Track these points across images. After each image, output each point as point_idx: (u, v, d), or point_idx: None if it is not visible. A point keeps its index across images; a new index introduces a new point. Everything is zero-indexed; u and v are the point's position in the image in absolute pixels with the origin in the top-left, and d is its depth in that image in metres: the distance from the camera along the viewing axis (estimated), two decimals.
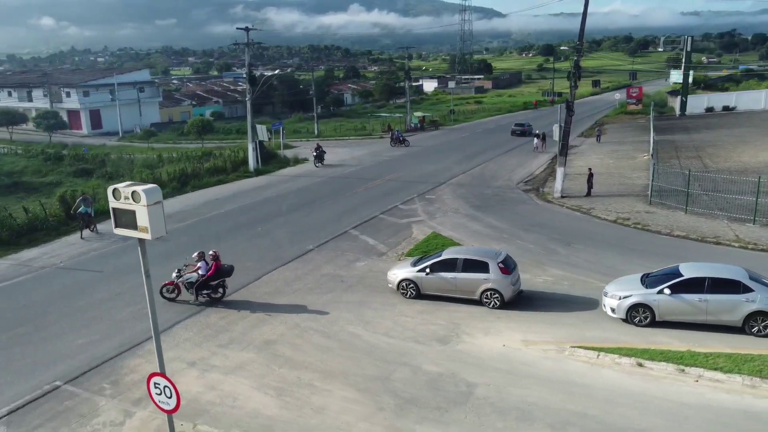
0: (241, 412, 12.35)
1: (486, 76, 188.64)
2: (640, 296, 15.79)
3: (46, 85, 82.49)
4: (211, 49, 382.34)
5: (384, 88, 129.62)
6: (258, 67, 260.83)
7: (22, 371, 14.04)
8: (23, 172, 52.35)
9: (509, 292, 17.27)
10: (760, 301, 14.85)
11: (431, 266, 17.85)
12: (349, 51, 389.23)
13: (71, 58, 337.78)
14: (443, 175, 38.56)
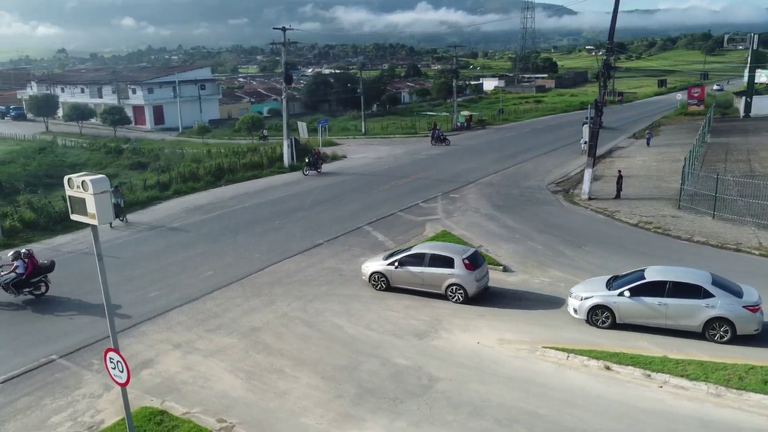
0: (209, 392, 13.14)
1: (549, 75, 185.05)
2: (601, 298, 15.73)
3: (115, 82, 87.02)
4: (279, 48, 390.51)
5: (442, 87, 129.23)
6: (323, 65, 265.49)
7: (26, 345, 15.38)
8: (85, 164, 55.64)
9: (473, 288, 17.61)
10: (720, 307, 14.56)
11: (400, 260, 18.40)
12: (414, 49, 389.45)
13: (147, 57, 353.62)
14: (475, 174, 38.49)
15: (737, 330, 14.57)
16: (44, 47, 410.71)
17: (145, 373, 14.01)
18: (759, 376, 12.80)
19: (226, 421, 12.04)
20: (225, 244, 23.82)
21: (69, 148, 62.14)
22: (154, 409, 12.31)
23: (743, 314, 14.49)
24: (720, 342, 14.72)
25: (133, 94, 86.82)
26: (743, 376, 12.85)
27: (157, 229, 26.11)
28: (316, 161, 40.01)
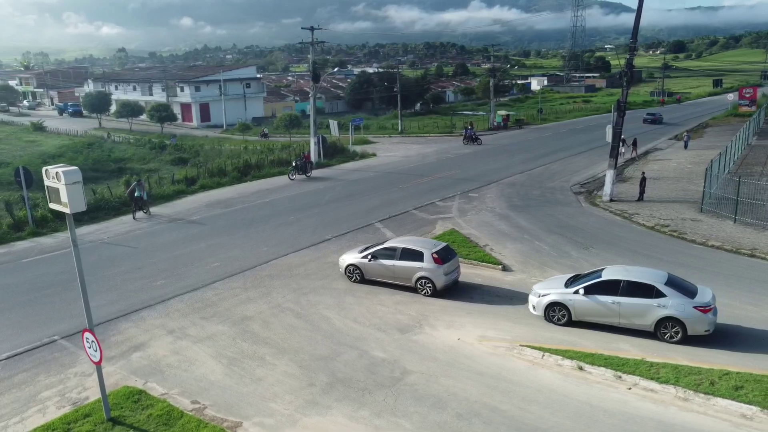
0: (189, 376, 13.84)
1: (601, 74, 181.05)
2: (558, 295, 15.95)
3: (164, 80, 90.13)
4: (330, 47, 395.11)
5: (487, 86, 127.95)
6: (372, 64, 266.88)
7: (33, 325, 16.49)
8: (130, 159, 58.02)
9: (441, 281, 18.04)
10: (671, 307, 14.60)
11: (374, 253, 19.00)
12: (464, 48, 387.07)
13: (203, 56, 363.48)
14: (499, 174, 38.36)
15: (688, 330, 14.62)
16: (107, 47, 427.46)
17: (135, 355, 14.84)
18: (732, 382, 12.59)
19: (199, 403, 12.69)
20: (237, 237, 24.68)
21: (116, 144, 64.82)
22: (135, 388, 13.07)
23: (693, 314, 14.50)
24: (671, 342, 14.79)
25: (181, 92, 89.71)
26: (715, 381, 12.67)
27: (177, 222, 27.25)
28: (305, 165, 38.18)
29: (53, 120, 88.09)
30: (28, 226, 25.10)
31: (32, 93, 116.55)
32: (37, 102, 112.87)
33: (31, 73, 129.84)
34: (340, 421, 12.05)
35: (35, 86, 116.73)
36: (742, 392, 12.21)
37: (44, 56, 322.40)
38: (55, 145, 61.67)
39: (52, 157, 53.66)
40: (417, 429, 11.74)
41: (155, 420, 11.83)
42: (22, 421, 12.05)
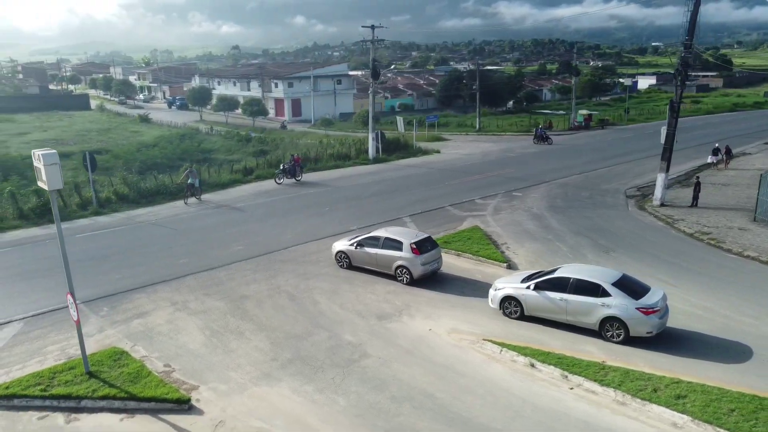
0: (172, 343, 15.38)
1: (720, 73, 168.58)
2: (512, 289, 16.24)
3: (260, 77, 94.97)
4: (435, 44, 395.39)
5: (586, 85, 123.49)
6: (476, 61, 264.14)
7: (60, 291, 18.74)
8: (218, 149, 62.05)
9: (418, 271, 18.81)
10: (615, 307, 14.58)
11: (360, 242, 20.00)
12: (574, 45, 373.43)
13: (312, 53, 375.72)
14: (556, 174, 37.61)
15: (630, 331, 14.52)
16: (225, 44, 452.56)
17: (135, 321, 16.63)
18: (677, 390, 12.28)
19: (170, 367, 14.16)
20: (268, 224, 26.31)
21: (208, 135, 69.38)
22: (120, 349, 14.77)
23: (635, 315, 14.40)
24: (615, 342, 14.75)
25: (275, 87, 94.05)
26: (660, 389, 12.40)
27: (221, 208, 29.39)
28: (294, 168, 35.65)
29: (161, 112, 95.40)
30: (92, 205, 28.15)
31: (148, 87, 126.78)
32: (151, 96, 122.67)
33: (147, 69, 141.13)
34: (284, 393, 13.03)
35: (150, 81, 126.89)
36: (681, 401, 11.89)
37: (169, 53, 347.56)
38: (154, 135, 67.02)
39: (148, 146, 58.53)
40: (350, 406, 12.50)
41: (124, 377, 13.39)
42: (22, 369, 14.05)
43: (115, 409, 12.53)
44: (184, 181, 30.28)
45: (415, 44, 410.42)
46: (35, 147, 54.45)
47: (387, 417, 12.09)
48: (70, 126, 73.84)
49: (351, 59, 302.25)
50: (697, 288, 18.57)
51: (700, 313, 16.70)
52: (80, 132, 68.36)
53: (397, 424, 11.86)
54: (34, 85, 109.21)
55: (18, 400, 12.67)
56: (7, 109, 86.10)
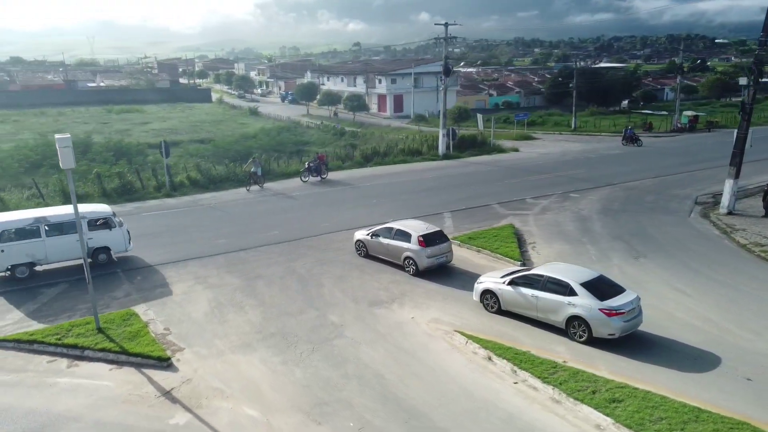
0: (179, 310, 17.25)
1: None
2: (491, 284, 16.56)
3: (365, 73, 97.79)
4: (560, 41, 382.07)
5: (715, 84, 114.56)
6: (604, 59, 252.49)
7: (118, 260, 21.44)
8: (313, 142, 65.18)
9: (424, 263, 19.39)
10: (580, 307, 14.54)
11: (375, 232, 20.92)
12: (715, 41, 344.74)
13: (433, 49, 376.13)
14: (627, 177, 36.09)
15: (593, 332, 14.42)
16: (349, 41, 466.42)
17: (157, 290, 18.75)
18: (615, 394, 12.17)
19: (168, 330, 16.01)
20: (312, 212, 27.91)
21: (307, 129, 72.92)
22: (132, 311, 16.84)
23: (598, 316, 14.31)
24: (579, 342, 14.74)
25: (379, 84, 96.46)
26: (599, 391, 12.33)
27: (277, 196, 31.45)
28: (319, 167, 35.55)
29: (273, 106, 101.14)
30: (164, 188, 31.31)
31: (266, 82, 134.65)
32: (268, 90, 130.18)
33: (266, 65, 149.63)
34: (253, 362, 14.38)
35: (268, 77, 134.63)
36: (614, 405, 11.79)
37: (296, 50, 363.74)
38: (258, 127, 71.53)
39: (248, 137, 62.76)
40: (304, 378, 13.59)
41: (125, 334, 15.38)
42: (53, 320, 16.51)
43: (109, 360, 14.51)
44: (248, 169, 32.67)
45: (539, 40, 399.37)
46: (153, 135, 60.21)
47: (331, 391, 13.04)
48: (187, 117, 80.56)
49: (469, 55, 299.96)
50: (712, 299, 17.64)
51: (697, 324, 15.98)
52: (194, 123, 74.44)
53: (336, 397, 12.78)
54: (165, 80, 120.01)
55: (37, 345, 15.03)
56: (140, 101, 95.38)
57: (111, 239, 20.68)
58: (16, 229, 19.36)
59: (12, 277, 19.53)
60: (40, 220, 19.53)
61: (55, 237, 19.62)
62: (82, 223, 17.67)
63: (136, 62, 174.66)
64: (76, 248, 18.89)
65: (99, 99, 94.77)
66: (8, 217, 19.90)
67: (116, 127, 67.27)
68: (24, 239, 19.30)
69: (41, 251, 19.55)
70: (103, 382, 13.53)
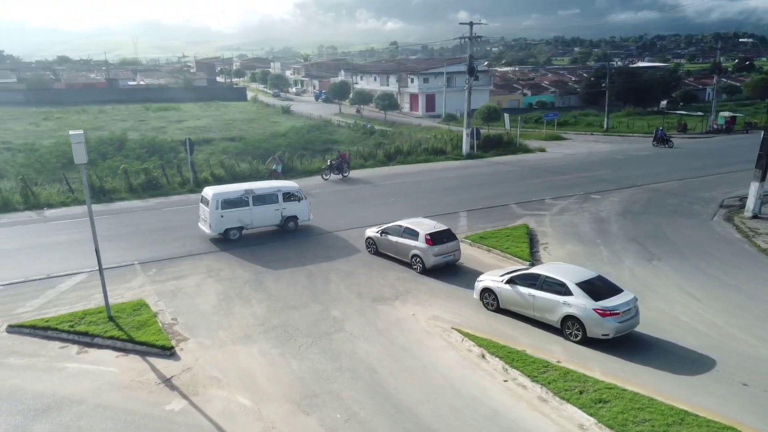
0: (188, 302, 17.79)
1: None
2: (490, 282, 16.63)
3: (397, 72, 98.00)
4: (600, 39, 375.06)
5: (758, 84, 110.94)
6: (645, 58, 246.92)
7: (128, 251, 22.18)
8: (343, 141, 65.76)
9: (430, 261, 19.57)
10: (575, 306, 14.55)
11: (384, 230, 21.19)
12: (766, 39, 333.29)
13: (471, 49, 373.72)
14: (652, 178, 35.49)
15: (587, 332, 14.40)
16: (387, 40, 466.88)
17: (171, 282, 19.36)
18: (603, 395, 12.16)
19: (176, 321, 16.56)
20: (330, 209, 28.29)
21: (337, 127, 73.56)
22: (143, 302, 17.45)
23: (592, 316, 14.28)
24: (573, 341, 14.73)
25: (411, 83, 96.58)
26: (586, 391, 12.33)
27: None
28: (341, 165, 35.91)
29: (306, 104, 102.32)
30: (188, 184, 32.15)
31: (301, 81, 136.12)
32: (303, 89, 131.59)
33: (301, 64, 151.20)
34: (252, 353, 14.80)
35: (303, 76, 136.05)
36: (599, 406, 11.79)
37: (333, 49, 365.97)
38: (288, 126, 72.51)
39: (278, 135, 63.69)
40: (299, 370, 13.94)
41: (134, 323, 15.98)
42: (70, 308, 17.23)
43: (116, 347, 15.11)
44: (270, 167, 33.25)
45: (579, 39, 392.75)
46: (187, 133, 61.65)
47: (323, 383, 13.34)
48: (221, 115, 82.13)
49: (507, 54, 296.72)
50: (721, 304, 17.34)
51: (701, 329, 15.75)
52: (227, 121, 75.86)
53: (327, 389, 13.07)
54: (203, 79, 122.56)
55: (51, 331, 15.75)
56: (177, 99, 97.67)
57: (299, 210, 24.54)
58: (232, 199, 23.02)
59: (225, 239, 23.16)
60: (249, 192, 23.43)
61: (259, 206, 23.54)
62: (278, 195, 23.79)
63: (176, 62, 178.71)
64: (274, 216, 23.97)
65: (138, 97, 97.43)
66: (226, 189, 23.67)
67: (152, 125, 69.08)
68: (237, 207, 23.10)
69: (249, 217, 23.44)
70: (109, 368, 14.12)
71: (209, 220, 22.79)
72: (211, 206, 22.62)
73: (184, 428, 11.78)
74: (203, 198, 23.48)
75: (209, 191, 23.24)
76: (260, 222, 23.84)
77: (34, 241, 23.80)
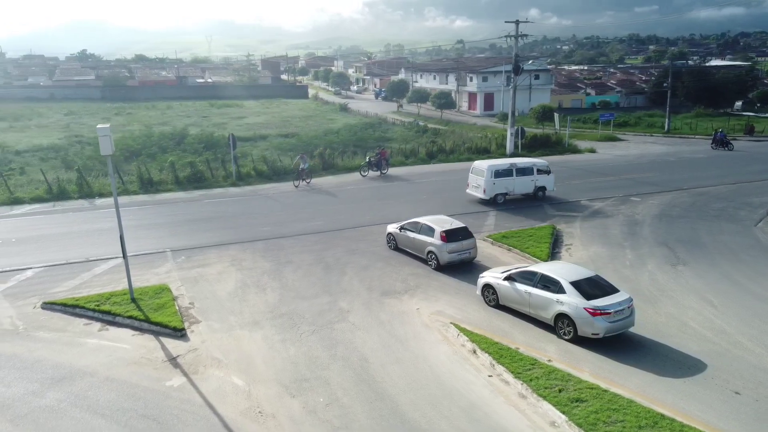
0: (208, 288, 18.78)
1: None
2: (491, 278, 16.85)
3: (456, 70, 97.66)
4: (678, 37, 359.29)
5: None
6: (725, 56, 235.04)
7: (162, 240, 23.52)
8: (394, 139, 66.31)
9: (445, 258, 19.85)
10: (566, 304, 14.64)
11: (403, 226, 21.59)
12: None
13: (540, 47, 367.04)
14: (703, 182, 34.16)
15: (578, 330, 14.42)
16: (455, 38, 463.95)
17: (195, 270, 20.46)
18: (581, 394, 12.17)
19: (192, 305, 17.57)
20: (360, 205, 28.94)
21: (391, 125, 74.21)
22: (166, 286, 18.58)
23: (582, 315, 14.31)
24: (565, 339, 14.83)
25: (470, 81, 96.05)
26: (566, 389, 12.36)
27: (333, 188, 32.76)
28: (379, 162, 36.47)
29: (365, 102, 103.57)
30: (230, 178, 33.53)
31: (362, 79, 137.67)
32: (364, 87, 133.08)
33: (363, 62, 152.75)
34: (255, 338, 15.57)
35: (365, 74, 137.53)
36: (574, 404, 11.82)
37: (400, 48, 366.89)
38: (343, 123, 73.79)
39: (332, 132, 64.94)
40: (296, 355, 14.59)
41: (153, 305, 17.09)
42: (99, 290, 18.57)
43: (134, 326, 16.23)
44: (297, 165, 33.91)
45: (655, 37, 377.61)
46: (245, 129, 63.86)
47: (315, 369, 13.93)
48: (281, 112, 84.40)
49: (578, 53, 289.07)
50: (736, 312, 16.78)
51: (708, 335, 15.34)
52: (285, 118, 77.88)
53: (318, 375, 13.64)
54: (267, 77, 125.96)
55: (79, 309, 17.07)
56: (241, 96, 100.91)
57: (547, 181, 29.97)
58: (501, 170, 28.93)
59: (492, 202, 28.81)
60: (513, 165, 29.54)
61: (520, 177, 29.28)
62: (533, 169, 29.72)
63: (245, 60, 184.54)
64: (530, 185, 29.66)
65: (205, 94, 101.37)
66: (496, 162, 29.98)
67: (214, 121, 71.83)
68: (505, 177, 28.91)
69: (512, 186, 29.21)
70: (123, 345, 15.22)
71: (484, 186, 28.56)
72: (486, 176, 28.45)
73: (177, 402, 12.62)
74: (474, 169, 29.41)
75: (483, 164, 29.27)
76: (520, 190, 29.38)
77: (81, 227, 25.59)
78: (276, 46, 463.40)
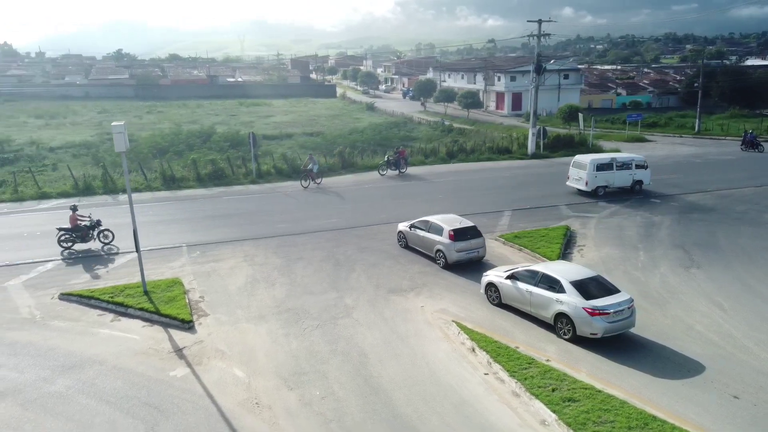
0: (219, 283, 19.22)
1: None
2: (494, 277, 16.98)
3: (484, 70, 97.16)
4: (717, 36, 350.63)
5: None
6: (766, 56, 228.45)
7: (179, 234, 24.09)
8: (419, 138, 66.43)
9: (453, 256, 19.96)
10: (565, 303, 14.68)
11: (413, 224, 21.79)
12: None
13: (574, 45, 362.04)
14: (727, 184, 33.48)
15: (577, 330, 14.44)
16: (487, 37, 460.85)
17: (209, 265, 20.94)
18: (575, 394, 12.19)
19: (202, 299, 18.02)
20: (376, 204, 29.14)
21: (417, 125, 74.28)
22: (178, 279, 19.08)
23: (581, 315, 14.33)
24: (564, 338, 14.86)
25: (498, 81, 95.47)
26: (559, 389, 12.38)
27: (350, 187, 33.05)
28: (398, 161, 36.49)
29: (393, 102, 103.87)
30: (251, 175, 34.09)
31: (391, 79, 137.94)
32: (392, 86, 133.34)
33: (391, 62, 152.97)
34: (260, 331, 15.92)
35: (393, 73, 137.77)
36: (566, 404, 11.84)
37: (431, 47, 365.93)
38: (369, 122, 74.13)
39: (356, 131, 65.32)
40: (297, 349, 14.89)
41: (164, 298, 17.59)
42: (115, 281, 19.18)
43: (144, 318, 16.75)
44: (306, 166, 34.07)
45: (693, 36, 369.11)
46: (272, 128, 64.67)
47: (314, 363, 14.19)
48: (308, 111, 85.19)
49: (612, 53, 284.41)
50: (746, 316, 16.51)
51: (714, 339, 15.15)
52: (312, 117, 78.59)
53: (316, 369, 13.91)
54: (296, 76, 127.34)
55: (94, 301, 17.67)
56: (271, 95, 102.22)
57: (644, 175, 31.48)
58: (603, 164, 30.56)
59: (593, 194, 30.28)
60: (614, 159, 31.13)
61: (620, 171, 30.76)
62: (632, 164, 31.15)
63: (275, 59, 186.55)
64: (628, 179, 30.98)
65: (235, 93, 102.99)
66: (598, 156, 31.93)
67: (242, 119, 72.89)
68: (606, 171, 30.44)
69: (612, 179, 30.63)
70: (133, 336, 15.72)
71: (586, 178, 30.05)
72: (588, 169, 29.97)
73: (179, 392, 13.02)
74: (576, 162, 31.05)
75: (586, 158, 30.93)
76: (619, 183, 30.72)
77: (102, 222, 26.33)
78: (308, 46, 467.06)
